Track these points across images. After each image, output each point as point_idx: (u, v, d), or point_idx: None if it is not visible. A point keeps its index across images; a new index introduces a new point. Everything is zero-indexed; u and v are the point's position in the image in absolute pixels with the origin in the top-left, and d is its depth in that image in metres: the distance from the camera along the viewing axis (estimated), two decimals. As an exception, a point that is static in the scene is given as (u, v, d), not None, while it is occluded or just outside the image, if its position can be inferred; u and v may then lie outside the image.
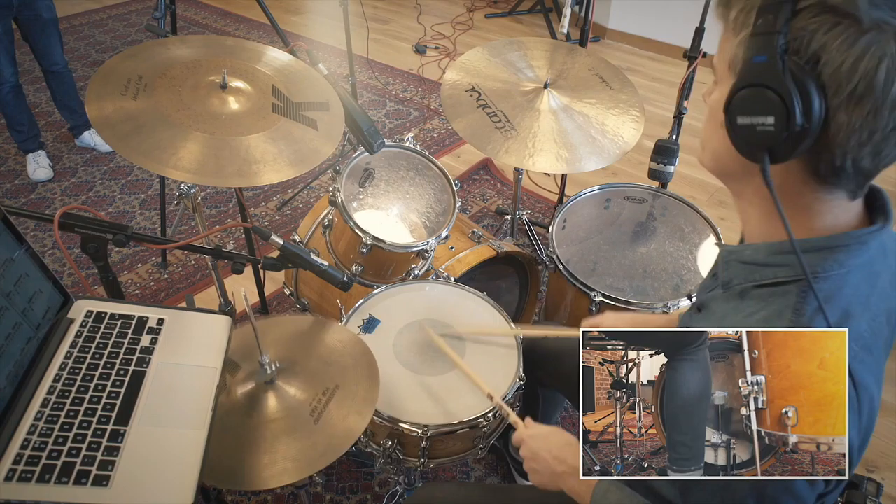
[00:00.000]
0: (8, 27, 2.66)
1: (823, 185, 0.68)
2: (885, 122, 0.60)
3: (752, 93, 0.63)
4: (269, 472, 0.98)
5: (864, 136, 0.61)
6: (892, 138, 0.62)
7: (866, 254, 0.71)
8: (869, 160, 0.63)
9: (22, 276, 0.89)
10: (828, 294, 0.69)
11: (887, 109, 0.59)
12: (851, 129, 0.61)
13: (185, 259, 2.57)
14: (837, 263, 0.69)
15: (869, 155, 0.63)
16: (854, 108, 0.60)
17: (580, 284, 1.61)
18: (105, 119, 1.21)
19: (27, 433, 0.80)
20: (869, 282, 0.72)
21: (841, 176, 0.65)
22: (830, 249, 0.70)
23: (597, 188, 1.88)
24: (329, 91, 1.50)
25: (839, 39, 0.58)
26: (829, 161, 0.64)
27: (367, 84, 3.88)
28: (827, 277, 0.69)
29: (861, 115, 0.60)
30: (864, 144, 0.62)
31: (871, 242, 0.71)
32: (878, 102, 0.59)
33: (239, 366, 1.12)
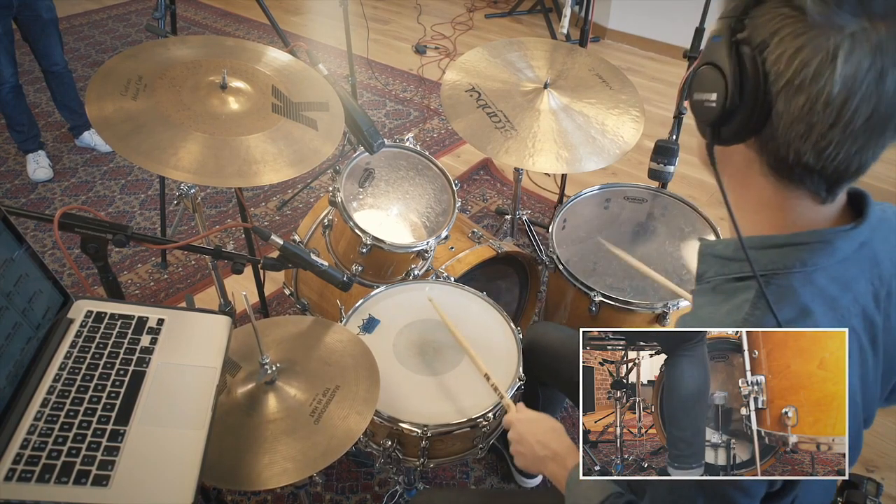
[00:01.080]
0: (8, 27, 2.66)
1: (780, 179, 0.68)
2: (819, 117, 0.61)
3: (703, 70, 0.68)
4: (269, 473, 0.98)
5: (801, 128, 0.62)
6: (833, 137, 0.62)
7: (834, 255, 0.70)
8: (812, 157, 0.63)
9: (22, 276, 0.89)
10: (787, 290, 0.70)
11: (820, 105, 0.60)
12: (790, 119, 0.62)
13: (185, 259, 2.58)
14: (800, 262, 0.70)
15: (811, 151, 0.63)
16: (791, 97, 0.61)
17: (580, 284, 1.61)
18: (105, 119, 1.21)
19: (27, 433, 0.80)
20: (839, 286, 0.71)
21: (791, 171, 0.66)
22: (793, 247, 0.70)
23: (597, 188, 1.88)
24: (329, 91, 1.50)
25: (788, 30, 0.60)
26: (775, 151, 0.65)
27: (367, 84, 3.88)
28: (788, 274, 0.70)
29: (797, 106, 0.61)
30: (803, 138, 0.62)
31: (838, 243, 0.70)
32: (812, 96, 0.60)
33: (239, 366, 1.12)
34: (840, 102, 0.59)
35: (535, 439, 1.04)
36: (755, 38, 0.62)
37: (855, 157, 0.64)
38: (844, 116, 0.60)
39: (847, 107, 0.60)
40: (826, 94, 0.59)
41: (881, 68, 0.58)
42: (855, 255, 0.72)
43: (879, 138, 0.63)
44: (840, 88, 0.59)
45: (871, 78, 0.58)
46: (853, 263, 0.72)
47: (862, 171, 0.66)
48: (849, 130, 0.61)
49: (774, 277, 0.70)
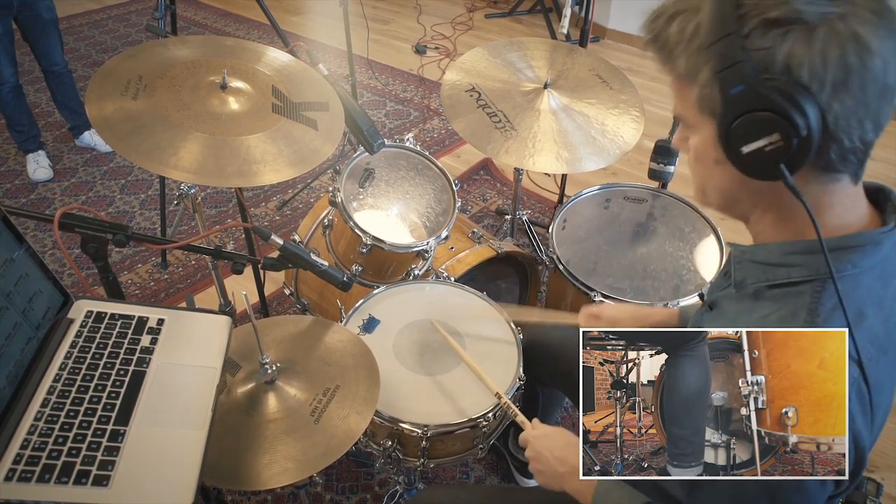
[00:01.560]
0: (8, 27, 2.66)
1: (830, 173, 0.69)
2: (870, 94, 0.63)
3: (746, 121, 0.65)
4: (269, 472, 0.98)
5: (861, 112, 0.63)
6: (882, 105, 0.64)
7: (880, 254, 0.71)
8: (873, 131, 0.65)
9: (22, 276, 0.89)
10: (842, 295, 0.69)
11: (870, 81, 0.62)
12: (850, 113, 0.63)
13: (185, 259, 2.58)
14: (851, 264, 0.70)
15: (872, 127, 0.65)
16: (843, 94, 0.62)
17: (580, 284, 1.61)
18: (105, 119, 1.21)
19: (27, 433, 0.80)
20: (882, 282, 0.72)
21: (848, 158, 0.67)
22: (844, 250, 0.70)
23: (597, 188, 1.88)
24: (329, 91, 1.50)
25: (799, 44, 0.61)
26: (839, 148, 0.65)
27: (367, 84, 3.88)
28: (840, 278, 0.69)
29: (851, 97, 0.62)
30: (864, 120, 0.64)
31: (885, 242, 0.71)
32: (861, 79, 0.62)
33: (239, 366, 1.13)
34: (881, 71, 0.62)
35: (553, 456, 1.00)
36: (774, 68, 0.62)
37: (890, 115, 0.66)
38: (888, 80, 0.63)
39: (887, 71, 0.62)
40: (872, 71, 0.61)
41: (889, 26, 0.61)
42: (891, 250, 0.73)
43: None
44: (878, 58, 0.61)
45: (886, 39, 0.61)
46: (889, 259, 0.73)
47: None
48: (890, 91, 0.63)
49: (828, 281, 0.70)
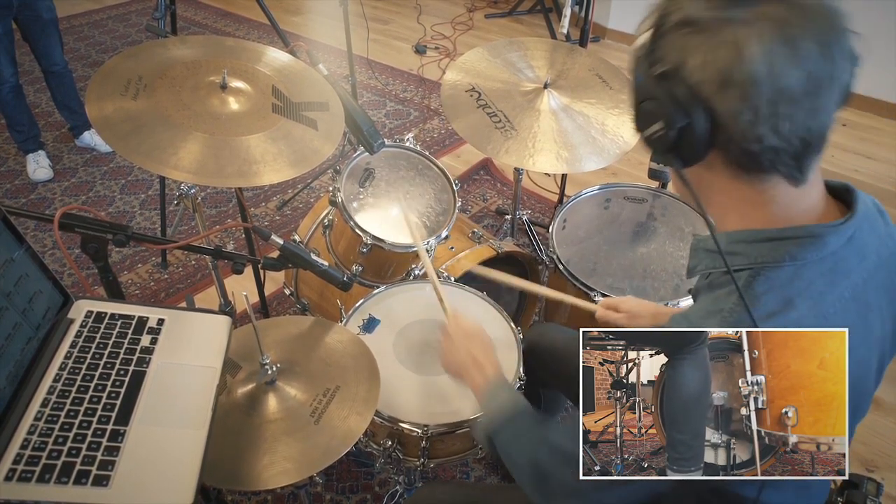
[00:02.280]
0: (8, 27, 2.66)
1: (753, 174, 0.71)
2: (756, 99, 0.64)
3: (641, 107, 0.72)
4: (269, 473, 0.98)
5: (749, 115, 0.65)
6: (780, 111, 0.64)
7: (824, 249, 0.72)
8: (773, 137, 0.66)
9: (22, 276, 0.89)
10: (775, 283, 0.71)
11: (750, 87, 0.63)
12: (735, 113, 0.65)
13: (185, 259, 2.58)
14: (789, 255, 0.71)
15: (769, 132, 0.65)
16: (724, 95, 0.65)
17: (580, 284, 1.61)
18: (105, 119, 1.21)
19: (27, 433, 0.80)
20: (827, 280, 0.72)
21: (759, 160, 0.68)
22: (782, 241, 0.72)
23: (597, 188, 1.88)
24: (329, 91, 1.50)
25: (692, 42, 0.66)
26: (737, 149, 0.68)
27: (367, 84, 3.88)
28: (777, 268, 0.71)
29: (733, 98, 0.64)
30: (755, 123, 0.65)
31: (829, 238, 0.72)
32: (739, 84, 0.64)
33: (239, 366, 1.12)
34: (767, 78, 0.63)
35: (466, 349, 1.09)
36: (669, 62, 0.67)
37: (812, 123, 0.66)
38: (779, 88, 0.63)
39: (776, 79, 0.63)
40: (751, 77, 0.63)
41: (790, 36, 0.62)
42: (843, 249, 0.73)
43: (823, 97, 0.65)
44: (760, 66, 0.62)
45: (785, 47, 0.62)
46: (842, 258, 0.73)
47: (824, 137, 0.68)
48: (792, 100, 0.64)
49: (764, 270, 0.72)
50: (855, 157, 3.20)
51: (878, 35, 3.22)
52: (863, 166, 3.13)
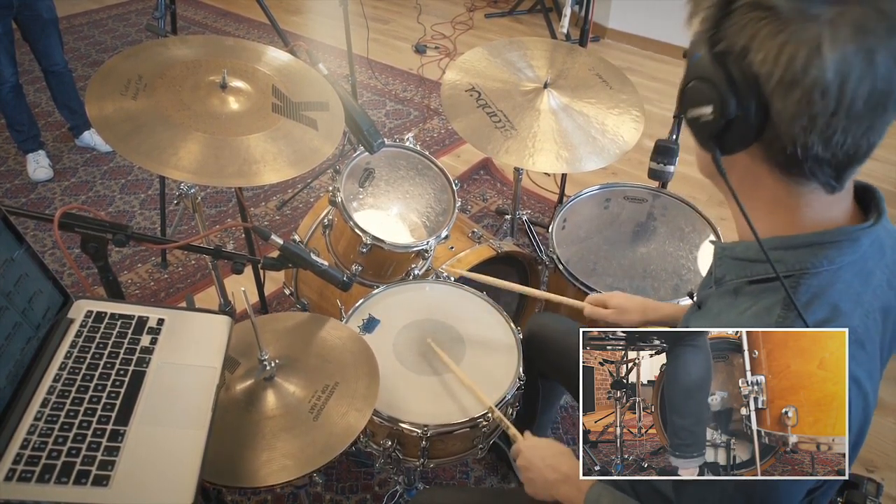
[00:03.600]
0: (8, 27, 2.66)
1: (791, 177, 0.68)
2: (819, 107, 0.60)
3: (693, 86, 0.68)
4: (268, 470, 0.98)
5: (804, 121, 0.62)
6: (838, 125, 0.61)
7: (858, 251, 0.71)
8: (820, 147, 0.63)
9: (22, 276, 0.89)
10: (818, 290, 0.70)
11: (818, 95, 0.60)
12: (791, 116, 0.62)
13: (185, 259, 2.57)
14: (828, 260, 0.70)
15: (819, 142, 0.63)
16: (786, 94, 0.61)
17: (580, 284, 1.61)
18: (105, 119, 1.21)
19: (27, 433, 0.80)
20: (861, 278, 0.72)
21: (801, 166, 0.66)
22: (821, 245, 0.70)
23: (597, 188, 1.87)
24: (329, 91, 1.50)
25: (765, 31, 0.61)
26: (781, 150, 0.65)
27: (367, 84, 3.88)
28: (817, 273, 0.70)
29: (794, 101, 0.61)
30: (808, 131, 0.62)
31: (864, 239, 0.71)
32: (807, 89, 0.60)
33: (238, 362, 1.12)
34: (837, 89, 0.59)
35: (545, 464, 1.02)
36: (735, 46, 0.63)
37: (863, 140, 0.63)
38: (845, 102, 0.60)
39: (845, 92, 0.59)
40: (821, 84, 0.59)
41: (869, 47, 0.58)
42: (870, 248, 0.73)
43: (883, 116, 0.62)
44: (833, 75, 0.59)
45: (861, 59, 0.58)
46: (869, 257, 0.73)
47: (870, 152, 0.66)
48: (852, 114, 0.61)
49: (804, 277, 0.70)
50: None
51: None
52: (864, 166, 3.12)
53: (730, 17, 0.63)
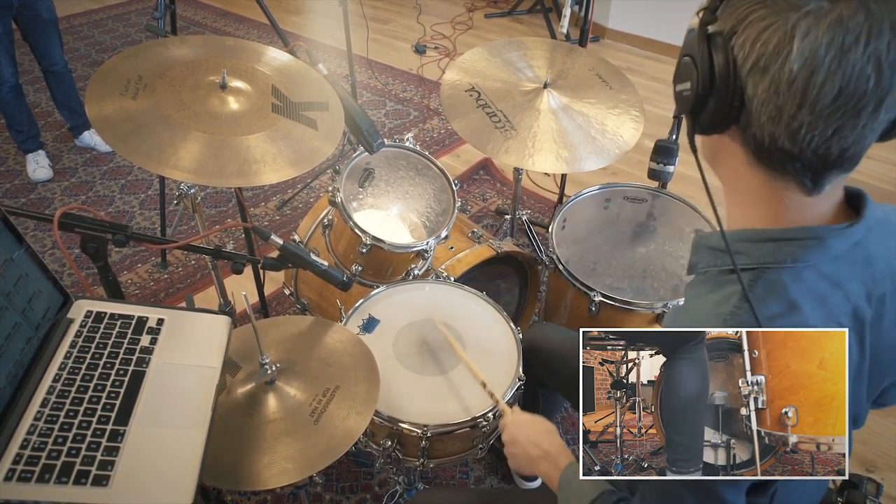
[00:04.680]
0: (8, 27, 2.66)
1: (765, 169, 0.69)
2: (784, 97, 0.61)
3: (681, 62, 0.70)
4: (268, 473, 0.98)
5: (770, 110, 0.62)
6: (803, 118, 0.61)
7: (827, 252, 0.70)
8: (787, 141, 0.63)
9: (22, 276, 0.89)
10: (776, 285, 0.70)
11: (784, 85, 0.60)
12: (760, 102, 0.63)
13: (185, 259, 2.58)
14: (791, 257, 0.70)
15: (785, 134, 0.63)
16: (758, 80, 0.62)
17: (580, 284, 1.61)
18: (105, 119, 1.21)
19: (27, 433, 0.80)
20: (831, 283, 0.71)
21: (771, 157, 0.66)
22: (785, 242, 0.71)
23: (597, 188, 1.88)
24: (329, 91, 1.50)
25: (754, 15, 0.61)
26: (753, 137, 0.66)
27: (367, 84, 3.88)
28: (779, 269, 0.71)
29: (764, 87, 0.62)
30: (774, 120, 0.62)
31: (831, 241, 0.70)
32: (775, 76, 0.61)
33: (239, 366, 1.12)
34: (803, 80, 0.59)
35: (528, 440, 1.04)
36: (725, 27, 0.64)
37: (833, 141, 0.62)
38: (810, 95, 0.60)
39: (811, 84, 0.59)
40: (787, 73, 0.60)
41: (842, 44, 0.58)
42: (848, 254, 0.72)
43: (854, 119, 0.61)
44: (800, 65, 0.59)
45: (833, 54, 0.58)
46: (845, 262, 0.72)
47: (846, 158, 0.64)
48: (818, 110, 0.60)
49: (766, 271, 0.71)
50: (855, 156, 3.19)
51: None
52: (863, 166, 3.05)
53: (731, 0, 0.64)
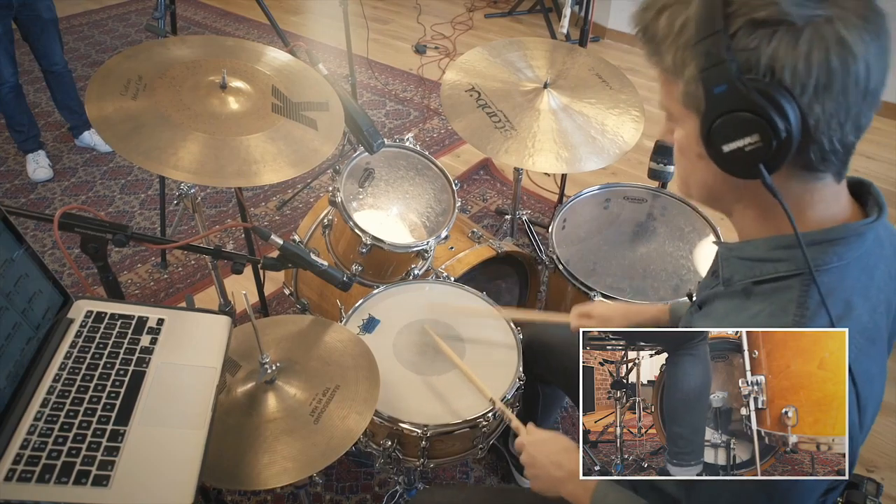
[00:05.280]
0: (8, 27, 2.66)
1: (812, 172, 0.69)
2: (853, 97, 0.63)
3: (727, 120, 0.66)
4: (268, 472, 0.98)
5: (842, 116, 0.64)
6: (863, 107, 0.64)
7: (863, 246, 0.72)
8: (853, 133, 0.66)
9: (22, 276, 0.89)
10: (829, 286, 0.70)
11: (852, 86, 0.63)
12: (830, 116, 0.64)
13: (185, 259, 2.57)
14: (837, 256, 0.71)
15: (852, 129, 0.66)
16: (825, 97, 0.63)
17: (580, 284, 1.61)
18: (105, 119, 1.21)
19: (27, 433, 0.80)
20: (867, 273, 0.73)
21: (832, 158, 0.68)
22: (830, 242, 0.71)
23: (597, 188, 1.88)
24: (329, 91, 1.50)
25: (783, 45, 0.61)
26: (819, 150, 0.66)
27: (367, 84, 3.88)
28: (827, 270, 0.70)
29: (833, 100, 0.63)
30: (844, 123, 0.65)
31: (868, 234, 0.72)
32: (843, 83, 0.62)
33: (239, 365, 1.13)
34: (864, 75, 0.62)
35: (549, 461, 1.00)
36: (758, 69, 0.62)
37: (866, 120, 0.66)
38: (869, 85, 0.63)
39: (869, 76, 0.63)
40: (854, 75, 0.62)
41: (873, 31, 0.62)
42: (872, 243, 0.74)
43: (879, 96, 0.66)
44: (860, 66, 0.62)
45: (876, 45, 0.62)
46: (871, 252, 0.74)
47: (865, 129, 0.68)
48: (870, 94, 0.64)
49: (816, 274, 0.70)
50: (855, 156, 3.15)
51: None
52: (863, 166, 3.13)
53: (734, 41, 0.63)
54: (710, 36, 0.64)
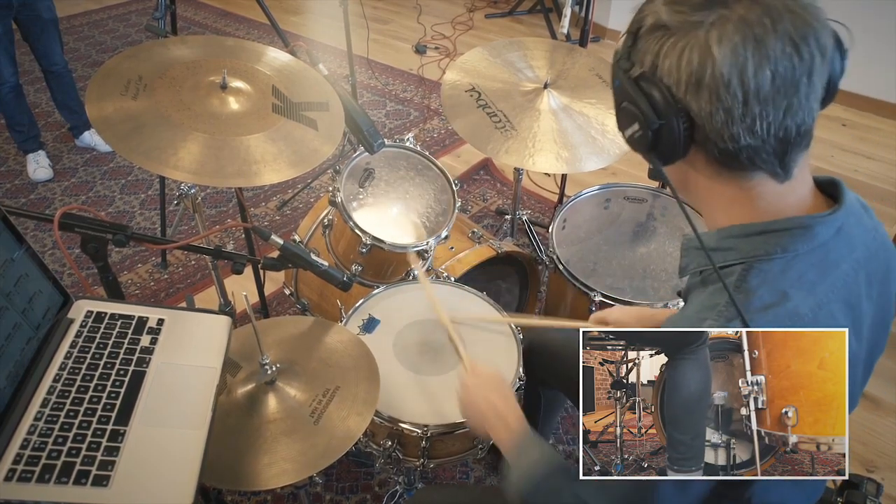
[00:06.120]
0: (8, 27, 2.66)
1: (735, 172, 0.72)
2: (729, 100, 0.65)
3: (619, 111, 0.75)
4: (268, 473, 0.98)
5: (721, 116, 0.66)
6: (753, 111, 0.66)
7: (814, 240, 0.72)
8: (748, 136, 0.67)
9: (22, 276, 0.89)
10: (767, 276, 0.72)
11: (723, 90, 0.65)
12: (708, 114, 0.67)
13: (185, 259, 2.58)
14: (780, 247, 0.72)
15: (744, 132, 0.67)
16: (697, 95, 0.67)
17: (580, 284, 1.61)
18: (105, 119, 1.21)
19: (27, 433, 0.80)
20: (819, 269, 0.73)
21: (738, 159, 0.69)
22: (773, 233, 0.73)
23: (597, 188, 1.88)
24: (329, 91, 1.50)
25: (664, 46, 0.68)
26: (715, 147, 0.69)
27: (367, 84, 3.88)
28: (770, 260, 0.72)
29: (706, 100, 0.66)
30: (729, 123, 0.67)
31: (818, 228, 0.73)
32: (711, 85, 0.65)
33: (239, 366, 1.12)
34: (738, 78, 0.64)
35: (486, 401, 1.02)
36: (645, 66, 0.70)
37: (787, 119, 0.67)
38: (750, 87, 0.65)
39: (746, 78, 0.64)
40: (720, 77, 0.65)
41: (756, 36, 0.64)
42: (833, 240, 0.74)
43: (796, 93, 0.66)
44: (729, 67, 0.64)
45: (752, 48, 0.64)
46: (832, 249, 0.74)
47: (803, 133, 0.69)
48: (762, 97, 0.65)
49: (757, 263, 0.73)
50: (855, 157, 3.20)
51: (878, 35, 3.22)
52: (863, 166, 3.13)
53: (637, 44, 0.71)
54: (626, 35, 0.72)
